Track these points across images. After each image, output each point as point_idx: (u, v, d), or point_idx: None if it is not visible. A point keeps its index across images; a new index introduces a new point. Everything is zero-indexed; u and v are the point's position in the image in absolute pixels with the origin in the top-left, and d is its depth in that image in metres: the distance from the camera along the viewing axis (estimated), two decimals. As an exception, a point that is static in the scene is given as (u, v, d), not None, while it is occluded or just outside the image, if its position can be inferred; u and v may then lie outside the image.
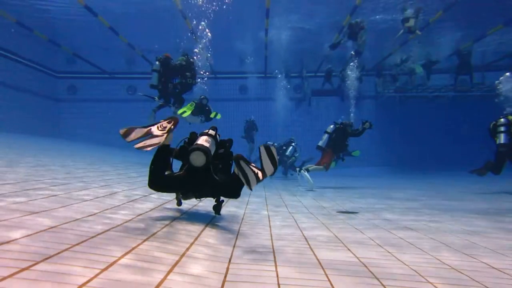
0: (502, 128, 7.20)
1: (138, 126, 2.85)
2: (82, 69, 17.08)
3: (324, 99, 17.56)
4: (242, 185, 2.90)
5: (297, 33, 14.30)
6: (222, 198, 3.20)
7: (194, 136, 3.15)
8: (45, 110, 16.42)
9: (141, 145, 2.72)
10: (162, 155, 2.95)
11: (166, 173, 3.03)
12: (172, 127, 2.90)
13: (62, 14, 13.02)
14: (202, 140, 2.98)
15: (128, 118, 16.35)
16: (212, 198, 3.20)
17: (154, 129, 2.88)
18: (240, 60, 17.25)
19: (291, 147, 12.43)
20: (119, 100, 17.48)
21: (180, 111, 9.27)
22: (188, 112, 9.43)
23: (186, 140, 3.17)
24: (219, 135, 3.28)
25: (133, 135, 2.77)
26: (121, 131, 2.76)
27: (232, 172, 3.01)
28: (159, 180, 2.98)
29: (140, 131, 2.82)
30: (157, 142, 2.77)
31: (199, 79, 10.00)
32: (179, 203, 3.21)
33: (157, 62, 8.97)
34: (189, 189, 3.11)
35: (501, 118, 7.37)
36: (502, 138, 7.16)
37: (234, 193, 3.10)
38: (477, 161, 8.28)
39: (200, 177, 3.00)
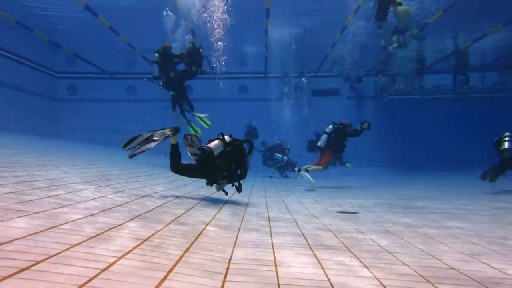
0: (507, 138, 7.40)
1: (142, 133, 4.29)
2: (82, 69, 17.07)
3: (324, 99, 17.63)
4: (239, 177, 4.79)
5: (297, 33, 14.29)
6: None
7: (211, 141, 4.67)
8: (45, 110, 16.41)
9: (132, 154, 4.15)
10: (174, 150, 4.55)
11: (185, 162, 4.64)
12: (171, 134, 4.32)
13: (62, 14, 13.01)
14: (211, 144, 4.56)
15: (128, 118, 16.57)
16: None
17: (156, 134, 4.25)
18: (240, 60, 17.25)
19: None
20: (119, 100, 17.49)
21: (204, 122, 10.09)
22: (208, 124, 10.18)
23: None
24: (230, 136, 4.78)
25: (133, 144, 4.21)
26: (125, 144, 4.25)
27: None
28: (177, 166, 4.58)
29: (142, 137, 4.18)
30: (152, 146, 4.19)
31: (204, 69, 10.12)
32: (226, 193, 4.80)
33: (156, 54, 9.17)
34: (200, 176, 4.73)
35: (506, 132, 7.53)
36: (506, 144, 7.31)
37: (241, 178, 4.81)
38: (478, 161, 8.27)
39: (207, 168, 4.46)
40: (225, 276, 1.90)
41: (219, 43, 11.79)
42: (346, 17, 12.28)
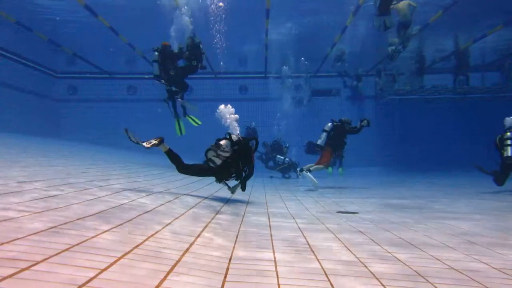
0: (509, 142, 7.25)
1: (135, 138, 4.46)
2: (82, 69, 17.07)
3: (324, 99, 17.65)
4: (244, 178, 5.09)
5: (297, 33, 14.28)
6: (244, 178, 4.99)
7: (219, 141, 4.81)
8: (45, 110, 16.41)
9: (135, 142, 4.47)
10: (170, 155, 4.67)
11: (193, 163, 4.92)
12: (157, 142, 4.45)
13: (62, 14, 13.01)
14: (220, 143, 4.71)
15: (128, 118, 16.56)
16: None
17: (144, 144, 4.43)
18: (240, 60, 17.26)
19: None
20: (119, 100, 17.49)
21: (193, 122, 10.30)
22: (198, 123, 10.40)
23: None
24: (237, 135, 5.00)
25: (133, 138, 4.46)
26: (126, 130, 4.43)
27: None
28: (183, 167, 4.71)
29: (135, 139, 4.44)
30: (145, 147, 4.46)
31: (205, 65, 10.14)
32: (232, 192, 5.14)
33: (155, 53, 9.17)
34: (208, 175, 4.85)
35: (507, 132, 7.39)
36: (509, 151, 7.20)
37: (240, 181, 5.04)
38: (477, 161, 8.26)
39: (216, 166, 4.62)
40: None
41: (220, 3, 11.61)
42: (346, 17, 12.27)
